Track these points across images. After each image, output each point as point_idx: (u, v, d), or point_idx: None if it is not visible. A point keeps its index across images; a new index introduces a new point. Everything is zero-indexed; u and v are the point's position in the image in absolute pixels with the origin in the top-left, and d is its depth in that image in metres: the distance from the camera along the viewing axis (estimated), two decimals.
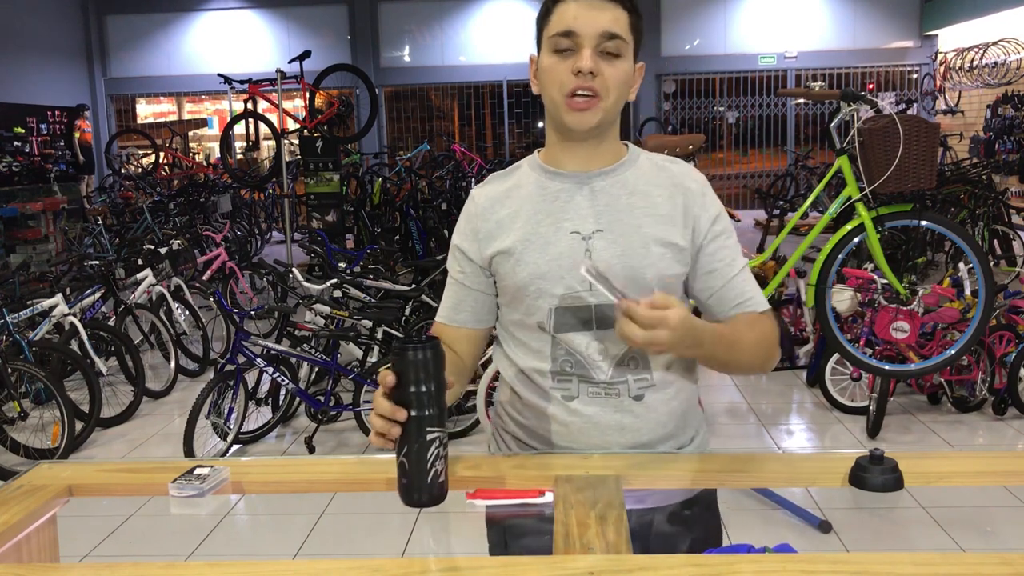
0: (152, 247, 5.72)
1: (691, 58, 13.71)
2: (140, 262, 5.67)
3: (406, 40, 14.10)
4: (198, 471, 1.34)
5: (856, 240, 3.54)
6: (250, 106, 8.15)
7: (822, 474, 1.38)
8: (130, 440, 4.49)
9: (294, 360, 4.33)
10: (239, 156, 11.50)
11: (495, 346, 1.53)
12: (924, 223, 3.53)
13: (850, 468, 1.28)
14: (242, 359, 4.13)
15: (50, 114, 12.58)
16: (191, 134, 15.62)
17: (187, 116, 15.78)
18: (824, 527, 3.16)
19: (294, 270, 4.91)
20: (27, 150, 11.86)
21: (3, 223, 7.62)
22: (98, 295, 5.10)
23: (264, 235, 10.82)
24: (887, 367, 3.75)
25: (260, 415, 4.43)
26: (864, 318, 4.20)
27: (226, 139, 8.42)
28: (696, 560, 1.07)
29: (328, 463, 1.56)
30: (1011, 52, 10.92)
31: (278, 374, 4.19)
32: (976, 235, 7.10)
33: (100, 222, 8.53)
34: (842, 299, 4.15)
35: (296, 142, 8.88)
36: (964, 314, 4.05)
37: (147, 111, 15.42)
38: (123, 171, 12.20)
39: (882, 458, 1.27)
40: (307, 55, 7.59)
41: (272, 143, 9.46)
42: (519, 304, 1.41)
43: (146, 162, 12.81)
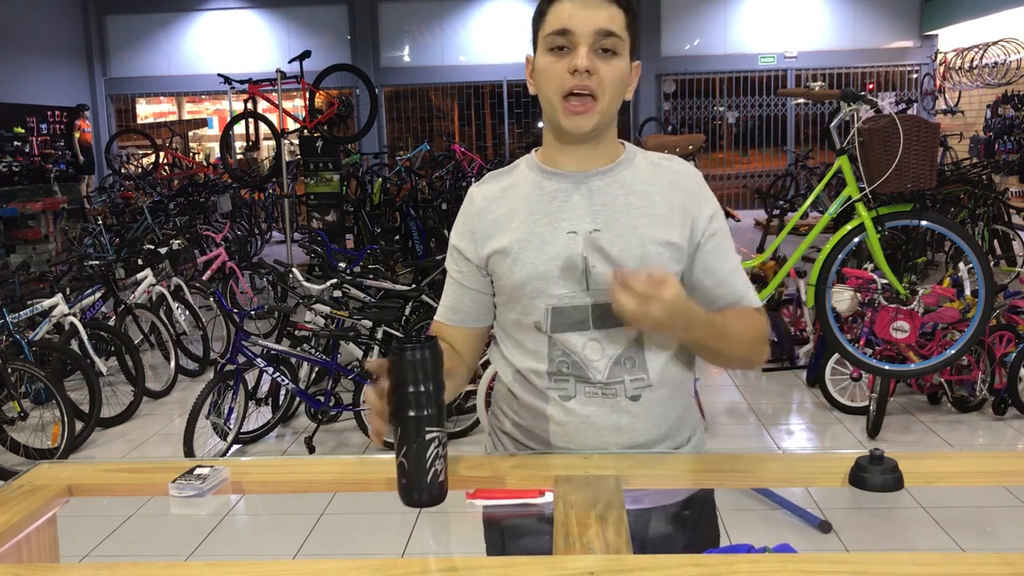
0: (152, 247, 5.72)
1: (691, 58, 13.70)
2: (140, 262, 5.67)
3: (406, 40, 14.10)
4: (198, 471, 1.35)
5: (856, 240, 3.54)
6: (250, 106, 8.15)
7: (822, 474, 1.38)
8: (130, 440, 4.49)
9: (294, 360, 4.33)
10: (239, 156, 11.49)
11: (492, 346, 1.53)
12: (924, 223, 3.53)
13: (850, 468, 1.28)
14: (242, 359, 4.13)
15: (50, 114, 12.58)
16: (191, 134, 15.62)
17: (187, 116, 15.78)
18: (824, 527, 3.16)
19: (294, 270, 4.91)
20: (27, 150, 11.85)
21: (3, 223, 7.62)
22: (98, 295, 5.10)
23: (264, 235, 10.82)
24: (887, 367, 3.75)
25: (260, 415, 4.43)
26: (864, 318, 4.20)
27: (226, 139, 8.41)
28: (696, 560, 1.07)
29: (328, 463, 1.56)
30: (1011, 52, 10.91)
31: (278, 374, 4.19)
32: (976, 235, 7.09)
33: (100, 222, 8.53)
34: (842, 299, 4.15)
35: (296, 142, 8.88)
36: (964, 314, 4.05)
37: (147, 111, 15.42)
38: (123, 171, 12.19)
39: (882, 458, 1.27)
40: (307, 55, 7.59)
41: (272, 143, 9.45)
42: (516, 304, 1.41)
43: (146, 162, 12.80)
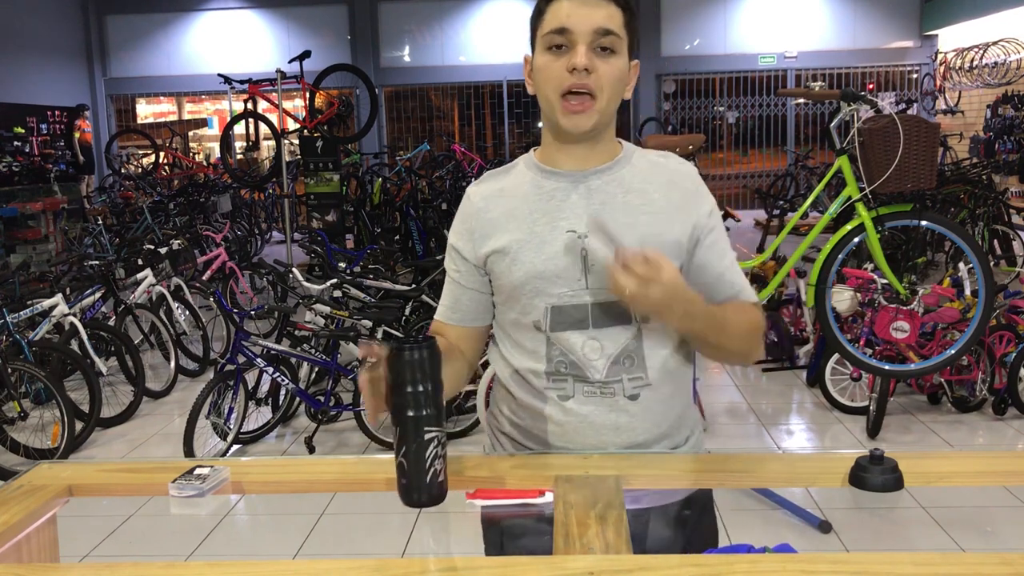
0: (152, 247, 5.72)
1: (691, 58, 13.70)
2: (140, 262, 5.67)
3: (406, 40, 14.10)
4: (198, 471, 1.35)
5: (856, 240, 3.54)
6: (250, 106, 8.15)
7: (822, 474, 1.38)
8: (130, 440, 4.49)
9: (294, 360, 4.33)
10: (239, 156, 11.49)
11: (491, 346, 1.53)
12: (924, 223, 3.53)
13: (850, 468, 1.28)
14: (242, 359, 4.13)
15: (50, 114, 12.58)
16: (191, 134, 15.62)
17: (187, 116, 15.78)
18: (824, 527, 3.16)
19: (294, 270, 4.91)
20: (27, 150, 11.85)
21: (3, 223, 7.62)
22: (98, 295, 5.10)
23: (264, 235, 10.82)
24: (887, 367, 3.75)
25: (260, 415, 4.43)
26: (864, 318, 4.20)
27: (226, 139, 8.41)
28: (695, 560, 1.07)
29: (328, 463, 1.56)
30: (1011, 52, 10.91)
31: (278, 374, 4.19)
32: (976, 235, 7.09)
33: (100, 222, 8.52)
34: (842, 299, 4.14)
35: (296, 142, 8.88)
36: (964, 314, 4.05)
37: (147, 111, 15.42)
38: (123, 171, 12.19)
39: (882, 458, 1.27)
40: (307, 55, 7.58)
41: (272, 143, 9.46)
42: (515, 303, 1.41)
43: (146, 162, 12.80)
